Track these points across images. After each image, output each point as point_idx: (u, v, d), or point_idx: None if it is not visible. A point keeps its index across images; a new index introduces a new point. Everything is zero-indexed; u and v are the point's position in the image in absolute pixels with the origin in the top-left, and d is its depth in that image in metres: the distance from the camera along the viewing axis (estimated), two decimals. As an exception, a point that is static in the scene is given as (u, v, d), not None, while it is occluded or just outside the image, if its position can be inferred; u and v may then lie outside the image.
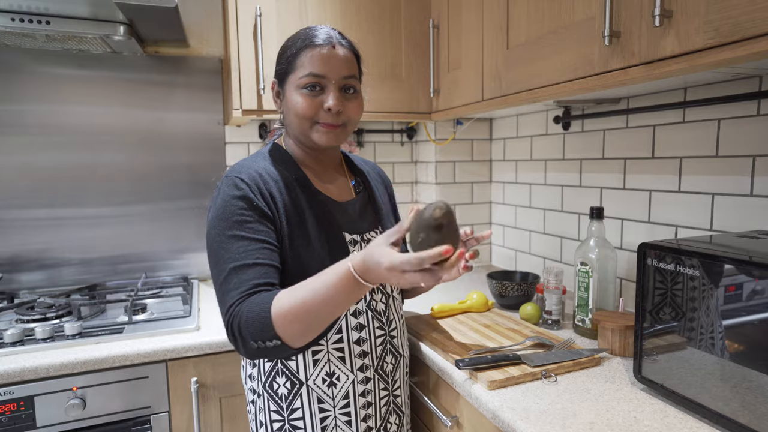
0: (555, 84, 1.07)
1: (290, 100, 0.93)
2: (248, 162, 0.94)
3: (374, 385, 0.97)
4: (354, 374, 0.94)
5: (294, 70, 0.92)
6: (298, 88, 0.91)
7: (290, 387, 0.91)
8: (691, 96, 1.17)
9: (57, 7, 1.27)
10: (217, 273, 0.85)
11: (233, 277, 0.82)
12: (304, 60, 0.90)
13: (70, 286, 1.64)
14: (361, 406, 0.95)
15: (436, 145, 1.90)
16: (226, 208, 0.86)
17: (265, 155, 0.97)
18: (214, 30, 1.77)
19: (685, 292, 0.81)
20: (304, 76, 0.90)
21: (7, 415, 1.08)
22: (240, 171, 0.90)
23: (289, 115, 0.94)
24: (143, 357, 1.16)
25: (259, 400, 0.94)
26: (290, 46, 0.94)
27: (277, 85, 0.98)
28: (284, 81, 0.95)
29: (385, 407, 1.00)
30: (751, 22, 0.68)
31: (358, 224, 1.00)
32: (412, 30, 1.63)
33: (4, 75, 1.54)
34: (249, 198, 0.86)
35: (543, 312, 1.27)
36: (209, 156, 1.78)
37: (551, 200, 1.65)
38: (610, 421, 0.80)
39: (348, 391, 0.94)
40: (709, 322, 0.78)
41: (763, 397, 0.70)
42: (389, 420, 1.02)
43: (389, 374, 1.01)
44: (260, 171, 0.91)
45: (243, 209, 0.85)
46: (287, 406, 0.91)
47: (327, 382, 0.92)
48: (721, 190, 1.12)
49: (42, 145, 1.59)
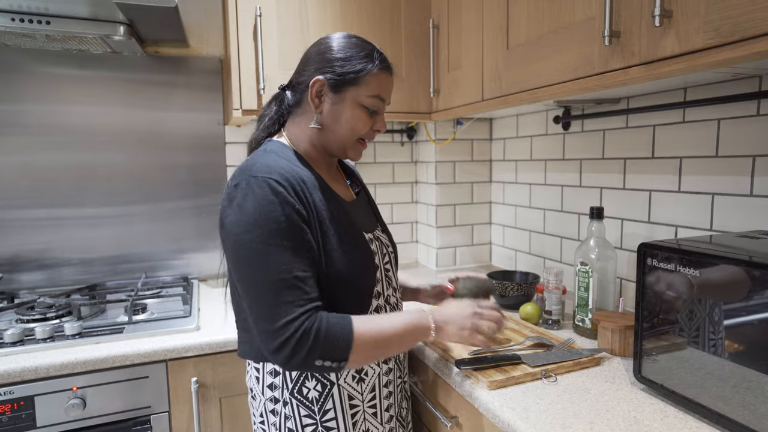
0: (555, 84, 1.07)
1: (347, 112, 0.92)
2: (269, 161, 0.87)
3: (394, 375, 1.01)
4: (380, 367, 0.97)
5: (360, 84, 0.91)
6: (360, 104, 0.92)
7: (321, 389, 0.91)
8: (691, 96, 1.17)
9: (57, 7, 1.27)
10: (260, 283, 0.80)
11: (288, 291, 0.80)
12: (376, 81, 0.92)
13: (70, 286, 1.64)
14: (384, 396, 0.99)
15: (436, 145, 1.90)
16: (262, 212, 0.80)
17: (279, 154, 0.91)
18: (214, 30, 1.77)
19: (684, 292, 0.81)
20: (373, 97, 0.92)
21: (7, 415, 1.08)
22: (269, 171, 0.84)
23: (338, 123, 0.93)
24: (143, 357, 1.16)
25: (286, 408, 0.91)
26: (358, 57, 0.91)
27: (328, 88, 0.92)
28: (342, 89, 0.91)
29: (401, 394, 1.05)
30: (751, 22, 0.68)
31: (367, 223, 1.02)
32: (412, 30, 1.63)
33: (4, 75, 1.54)
34: (289, 202, 0.82)
35: (543, 312, 1.27)
36: (209, 156, 1.78)
37: (551, 200, 1.65)
38: (610, 421, 0.80)
39: (374, 384, 0.97)
40: (709, 322, 0.78)
41: (763, 397, 0.70)
42: (402, 405, 1.06)
43: (402, 362, 1.06)
44: (289, 170, 0.86)
45: (285, 213, 0.81)
46: (319, 408, 0.91)
47: (356, 379, 0.94)
48: (721, 190, 1.12)
49: (42, 145, 1.59)
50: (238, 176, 0.85)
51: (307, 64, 0.95)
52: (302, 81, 0.94)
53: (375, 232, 1.02)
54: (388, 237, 1.07)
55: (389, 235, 1.09)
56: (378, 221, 1.08)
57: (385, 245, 1.03)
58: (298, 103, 0.96)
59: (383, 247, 1.02)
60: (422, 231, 2.07)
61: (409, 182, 2.09)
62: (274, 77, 1.47)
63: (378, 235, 1.02)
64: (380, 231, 1.05)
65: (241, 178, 0.84)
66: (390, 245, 1.06)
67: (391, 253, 1.05)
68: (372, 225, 1.03)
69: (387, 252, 1.03)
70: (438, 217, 1.94)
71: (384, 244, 1.03)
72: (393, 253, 1.06)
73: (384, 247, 1.02)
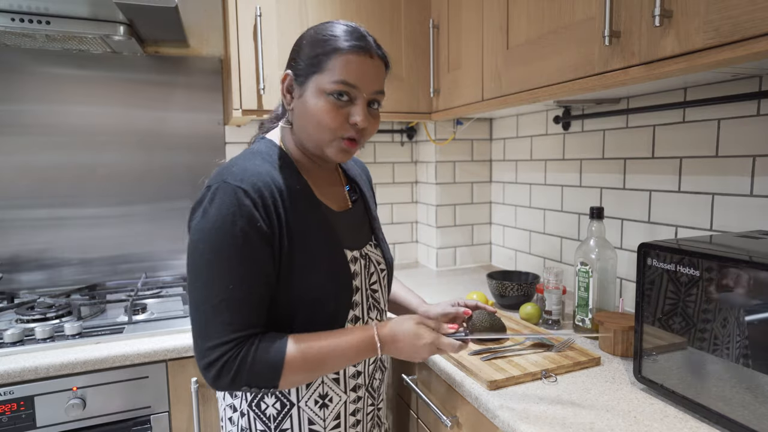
0: (555, 84, 1.07)
1: (311, 103, 0.81)
2: (249, 165, 0.80)
3: (363, 403, 0.94)
4: (347, 394, 0.90)
5: (322, 70, 0.80)
6: (324, 93, 0.80)
7: (280, 408, 0.86)
8: (691, 96, 1.17)
9: (57, 7, 1.27)
10: (203, 297, 0.75)
11: (225, 311, 0.75)
12: (337, 63, 0.79)
13: (70, 286, 1.64)
14: (351, 424, 0.92)
15: (436, 145, 1.90)
16: (224, 223, 0.75)
17: (265, 156, 0.84)
18: (214, 30, 1.77)
19: (684, 292, 0.81)
20: (335, 82, 0.79)
21: (7, 415, 1.08)
22: (242, 179, 0.77)
23: (305, 119, 0.83)
24: (143, 357, 1.16)
25: (243, 419, 0.87)
26: (321, 41, 0.81)
27: (293, 80, 0.84)
28: (305, 78, 0.82)
29: (371, 422, 0.98)
30: (751, 22, 0.68)
31: (357, 238, 0.93)
32: (412, 30, 1.63)
33: (4, 75, 1.54)
34: (253, 217, 0.76)
35: (543, 312, 1.27)
36: (209, 156, 1.78)
37: (551, 200, 1.65)
38: (610, 421, 0.80)
39: (339, 412, 0.89)
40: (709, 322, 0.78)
41: (763, 397, 0.70)
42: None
43: (376, 389, 0.98)
44: (265, 179, 0.79)
45: (244, 230, 0.75)
46: (276, 426, 0.86)
47: (319, 404, 0.87)
48: (721, 190, 1.12)
49: (42, 145, 1.59)
50: (213, 178, 0.80)
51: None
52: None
53: (364, 249, 0.92)
54: (382, 253, 0.97)
55: (384, 250, 0.99)
56: (373, 234, 0.98)
57: (375, 263, 0.94)
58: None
59: (371, 265, 0.93)
60: (422, 231, 2.07)
61: (409, 182, 2.09)
62: (274, 77, 1.47)
63: (367, 252, 0.93)
64: (372, 246, 0.96)
65: (214, 181, 0.78)
66: (383, 262, 0.97)
67: (382, 272, 0.96)
68: (361, 241, 0.93)
69: (376, 270, 0.94)
70: (438, 217, 1.94)
71: (374, 261, 0.94)
72: (385, 271, 0.97)
73: (373, 265, 0.93)
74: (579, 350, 1.06)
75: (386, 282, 0.98)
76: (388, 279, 0.99)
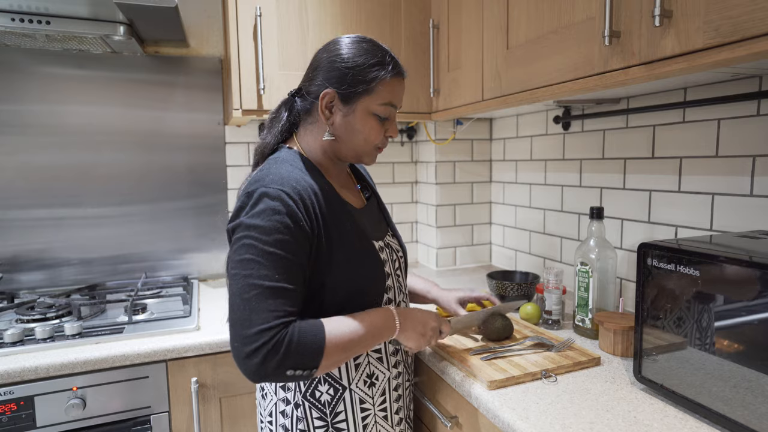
0: (555, 84, 1.07)
1: (359, 122, 0.92)
2: (282, 172, 0.87)
3: (402, 378, 1.03)
4: (390, 371, 0.99)
5: (372, 93, 0.91)
6: (372, 113, 0.92)
7: (333, 393, 0.93)
8: (691, 96, 1.17)
9: (57, 7, 1.27)
10: (244, 284, 0.80)
11: (269, 298, 0.79)
12: (388, 88, 0.92)
13: (70, 286, 1.64)
14: (394, 399, 1.01)
15: (436, 145, 1.90)
16: (272, 221, 0.81)
17: (291, 163, 0.91)
18: (214, 30, 1.77)
19: (684, 292, 0.81)
20: (385, 104, 0.92)
21: (7, 415, 1.08)
22: (282, 183, 0.84)
23: (352, 134, 0.93)
24: (143, 357, 1.16)
25: (298, 410, 0.92)
26: (374, 67, 0.90)
27: (339, 100, 0.91)
28: (353, 99, 0.91)
29: (409, 396, 1.07)
30: (751, 22, 0.68)
31: (378, 231, 1.01)
32: (412, 30, 1.63)
33: (4, 75, 1.54)
34: (296, 217, 0.83)
35: (543, 312, 1.27)
36: (209, 156, 1.78)
37: (551, 200, 1.65)
38: (610, 421, 0.80)
39: (384, 388, 0.98)
40: (710, 323, 0.78)
41: (763, 397, 0.70)
42: (410, 407, 1.08)
43: (410, 365, 1.07)
44: (302, 183, 0.86)
45: (287, 227, 0.82)
46: (331, 411, 0.93)
47: (368, 383, 0.96)
48: (721, 190, 1.12)
49: (42, 145, 1.59)
50: (252, 185, 0.85)
51: (316, 70, 0.93)
52: (312, 91, 0.93)
53: (385, 239, 1.02)
54: (398, 242, 1.07)
55: (399, 239, 1.09)
56: (389, 226, 1.08)
57: (395, 251, 1.04)
58: (309, 112, 0.96)
59: (393, 253, 1.02)
60: (422, 231, 2.07)
61: (409, 182, 2.09)
62: (274, 77, 1.47)
63: (388, 242, 1.03)
64: (390, 236, 1.05)
65: (254, 188, 0.84)
66: (400, 249, 1.06)
67: (401, 258, 1.05)
68: (382, 231, 1.03)
69: (397, 257, 1.04)
70: (438, 217, 1.94)
71: (394, 249, 1.03)
72: (403, 257, 1.07)
73: (394, 253, 1.03)
74: (579, 350, 1.06)
75: (404, 268, 1.07)
76: (405, 264, 1.08)
